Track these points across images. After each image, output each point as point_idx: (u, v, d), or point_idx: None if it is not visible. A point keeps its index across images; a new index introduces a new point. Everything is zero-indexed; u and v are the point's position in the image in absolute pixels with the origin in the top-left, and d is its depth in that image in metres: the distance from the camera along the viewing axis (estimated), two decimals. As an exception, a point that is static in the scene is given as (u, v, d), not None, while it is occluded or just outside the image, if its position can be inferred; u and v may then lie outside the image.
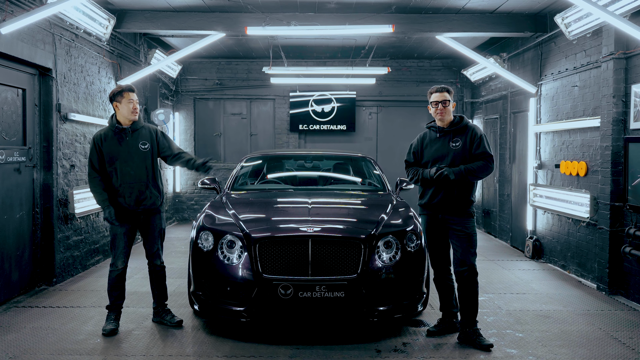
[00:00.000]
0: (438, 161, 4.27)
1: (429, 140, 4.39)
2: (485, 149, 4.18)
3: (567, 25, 6.28)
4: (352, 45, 9.56)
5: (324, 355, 3.98)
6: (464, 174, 4.12)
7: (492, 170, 4.20)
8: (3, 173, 5.09)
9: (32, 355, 3.94)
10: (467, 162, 4.20)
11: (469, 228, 4.22)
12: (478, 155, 4.19)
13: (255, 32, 6.97)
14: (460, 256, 4.22)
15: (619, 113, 5.59)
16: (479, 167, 4.15)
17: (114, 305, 4.52)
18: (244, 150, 11.08)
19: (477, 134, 4.23)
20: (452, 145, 4.25)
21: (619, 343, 4.30)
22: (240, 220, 4.46)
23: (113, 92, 4.47)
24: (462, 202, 4.22)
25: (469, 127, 4.28)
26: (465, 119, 4.32)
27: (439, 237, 4.35)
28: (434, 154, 4.31)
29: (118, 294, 4.53)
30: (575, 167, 6.43)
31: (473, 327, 4.21)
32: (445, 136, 4.30)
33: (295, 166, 6.56)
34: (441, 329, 4.43)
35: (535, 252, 7.46)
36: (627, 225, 5.49)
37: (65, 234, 6.08)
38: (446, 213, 4.25)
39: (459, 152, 4.22)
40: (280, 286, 4.00)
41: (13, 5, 5.07)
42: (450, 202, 4.22)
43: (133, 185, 4.42)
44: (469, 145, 4.21)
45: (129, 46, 7.97)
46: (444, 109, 4.25)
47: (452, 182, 4.16)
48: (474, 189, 4.29)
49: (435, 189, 4.27)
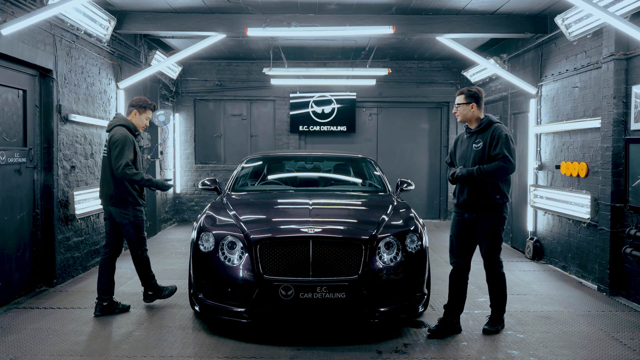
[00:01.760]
0: (463, 161, 4.44)
1: (461, 141, 4.58)
2: (502, 150, 4.23)
3: (568, 26, 6.29)
4: (353, 47, 9.57)
5: (324, 356, 3.97)
6: (475, 174, 4.22)
7: (510, 171, 4.24)
8: (4, 174, 5.08)
9: (33, 356, 3.94)
10: (486, 162, 4.29)
11: (490, 229, 4.33)
12: (495, 156, 4.25)
13: (255, 33, 6.98)
14: (484, 253, 4.41)
15: (619, 114, 5.59)
16: (493, 167, 4.21)
17: (153, 283, 5.12)
18: (244, 151, 11.09)
19: (497, 135, 4.29)
20: (474, 146, 4.37)
21: (620, 344, 4.30)
22: (241, 221, 4.46)
23: (141, 102, 5.07)
24: (484, 202, 4.31)
25: (491, 128, 4.35)
26: (490, 120, 4.39)
27: (462, 236, 4.47)
28: (461, 154, 4.50)
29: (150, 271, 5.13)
30: (575, 168, 6.43)
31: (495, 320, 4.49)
32: (471, 137, 4.45)
33: (296, 167, 6.56)
34: (442, 328, 4.43)
35: (536, 253, 7.46)
36: (627, 226, 5.49)
37: (65, 235, 6.08)
38: (472, 212, 4.38)
39: (480, 152, 4.33)
40: (281, 287, 4.00)
41: (14, 6, 5.07)
42: (474, 202, 4.35)
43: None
44: (489, 146, 4.30)
45: (130, 47, 7.97)
46: (456, 110, 4.46)
47: (474, 183, 4.29)
48: (500, 189, 4.31)
49: (460, 189, 4.44)
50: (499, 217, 4.33)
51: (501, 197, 4.32)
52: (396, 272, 4.21)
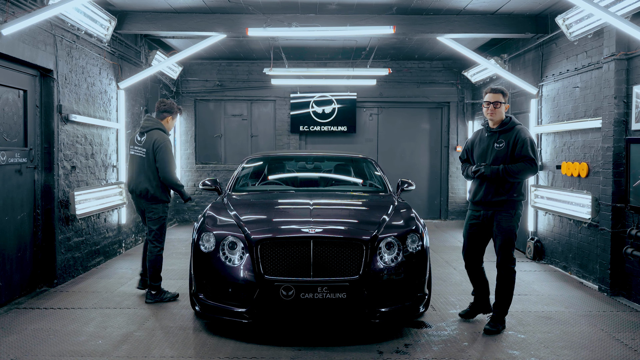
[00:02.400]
0: (481, 159, 4.54)
1: (479, 139, 4.66)
2: (527, 152, 4.34)
3: (569, 26, 6.28)
4: (353, 47, 9.56)
5: (325, 356, 3.97)
6: (500, 174, 4.35)
7: (532, 173, 4.38)
8: (4, 174, 5.08)
9: (34, 356, 3.93)
10: (508, 163, 4.40)
11: (506, 226, 4.43)
12: (520, 157, 4.37)
13: (256, 33, 6.98)
14: (498, 250, 4.51)
15: (620, 114, 5.58)
16: (518, 168, 4.34)
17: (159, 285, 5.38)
18: (245, 151, 11.09)
19: (521, 137, 4.40)
20: (495, 146, 4.47)
21: (621, 344, 4.29)
22: (241, 221, 4.45)
23: (174, 106, 5.44)
24: (503, 199, 4.42)
25: (515, 130, 4.45)
26: (513, 121, 4.50)
27: (476, 232, 4.63)
28: (480, 152, 4.58)
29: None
30: (576, 168, 6.43)
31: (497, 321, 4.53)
32: (492, 136, 4.53)
33: (297, 167, 6.55)
34: (472, 310, 4.76)
35: (537, 254, 7.45)
36: (628, 226, 5.49)
37: (66, 235, 6.08)
38: (488, 209, 4.50)
39: (502, 152, 4.43)
40: (282, 287, 3.99)
41: (14, 6, 5.06)
42: (489, 201, 4.46)
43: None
44: (512, 147, 4.40)
45: (130, 47, 7.97)
46: (495, 110, 4.47)
47: (492, 181, 4.41)
48: (516, 189, 4.42)
49: (477, 187, 4.55)
50: (514, 213, 4.45)
51: (518, 195, 4.44)
52: (397, 273, 4.21)
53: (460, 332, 4.54)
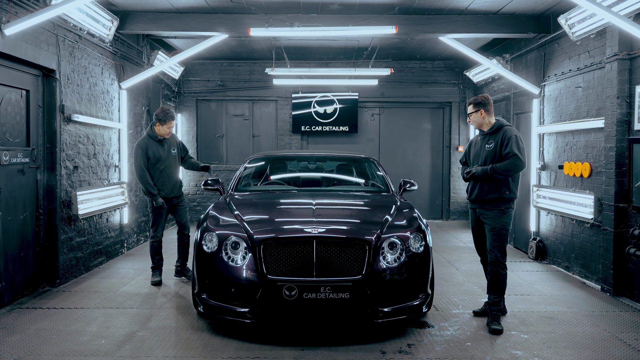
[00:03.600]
0: (476, 161, 4.82)
1: (475, 142, 4.95)
2: (512, 149, 4.55)
3: (571, 26, 6.28)
4: (355, 47, 9.56)
5: (328, 356, 3.97)
6: (489, 172, 4.58)
7: (520, 167, 4.55)
8: (7, 174, 5.09)
9: (37, 356, 3.93)
10: (497, 162, 4.63)
11: (497, 223, 4.62)
12: (506, 155, 4.57)
13: (258, 33, 6.98)
14: (489, 247, 4.69)
15: (623, 114, 5.58)
16: (505, 166, 4.53)
17: (157, 265, 6.03)
18: (246, 151, 11.09)
19: (507, 135, 4.63)
20: (486, 147, 4.74)
21: (624, 344, 4.29)
22: (244, 221, 4.45)
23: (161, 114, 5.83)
24: (493, 196, 4.62)
25: (502, 130, 4.70)
26: (501, 123, 4.79)
27: (479, 229, 4.89)
28: (475, 154, 4.88)
29: (159, 257, 6.04)
30: (579, 168, 6.42)
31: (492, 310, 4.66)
32: (484, 138, 4.81)
33: (299, 167, 6.55)
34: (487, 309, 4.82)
35: (539, 254, 7.45)
36: (631, 226, 5.48)
37: (68, 235, 6.08)
38: (481, 208, 4.74)
39: (492, 152, 4.68)
40: (285, 287, 3.99)
41: (17, 6, 5.07)
42: (482, 199, 4.68)
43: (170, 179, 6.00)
44: (500, 146, 4.64)
45: (132, 47, 7.98)
46: (470, 119, 4.85)
47: (483, 181, 4.63)
48: (509, 186, 4.62)
49: (472, 186, 4.80)
50: (505, 210, 4.62)
51: (510, 192, 4.62)
52: (400, 273, 4.21)
53: (463, 332, 4.53)
